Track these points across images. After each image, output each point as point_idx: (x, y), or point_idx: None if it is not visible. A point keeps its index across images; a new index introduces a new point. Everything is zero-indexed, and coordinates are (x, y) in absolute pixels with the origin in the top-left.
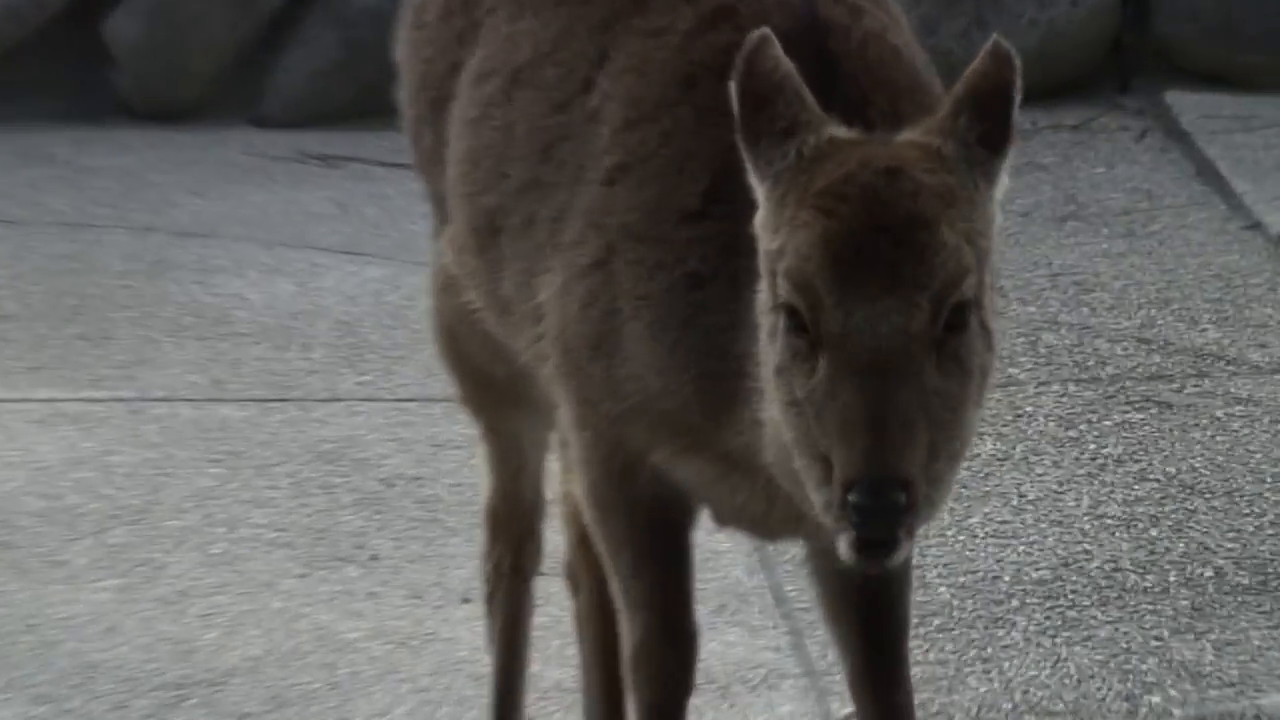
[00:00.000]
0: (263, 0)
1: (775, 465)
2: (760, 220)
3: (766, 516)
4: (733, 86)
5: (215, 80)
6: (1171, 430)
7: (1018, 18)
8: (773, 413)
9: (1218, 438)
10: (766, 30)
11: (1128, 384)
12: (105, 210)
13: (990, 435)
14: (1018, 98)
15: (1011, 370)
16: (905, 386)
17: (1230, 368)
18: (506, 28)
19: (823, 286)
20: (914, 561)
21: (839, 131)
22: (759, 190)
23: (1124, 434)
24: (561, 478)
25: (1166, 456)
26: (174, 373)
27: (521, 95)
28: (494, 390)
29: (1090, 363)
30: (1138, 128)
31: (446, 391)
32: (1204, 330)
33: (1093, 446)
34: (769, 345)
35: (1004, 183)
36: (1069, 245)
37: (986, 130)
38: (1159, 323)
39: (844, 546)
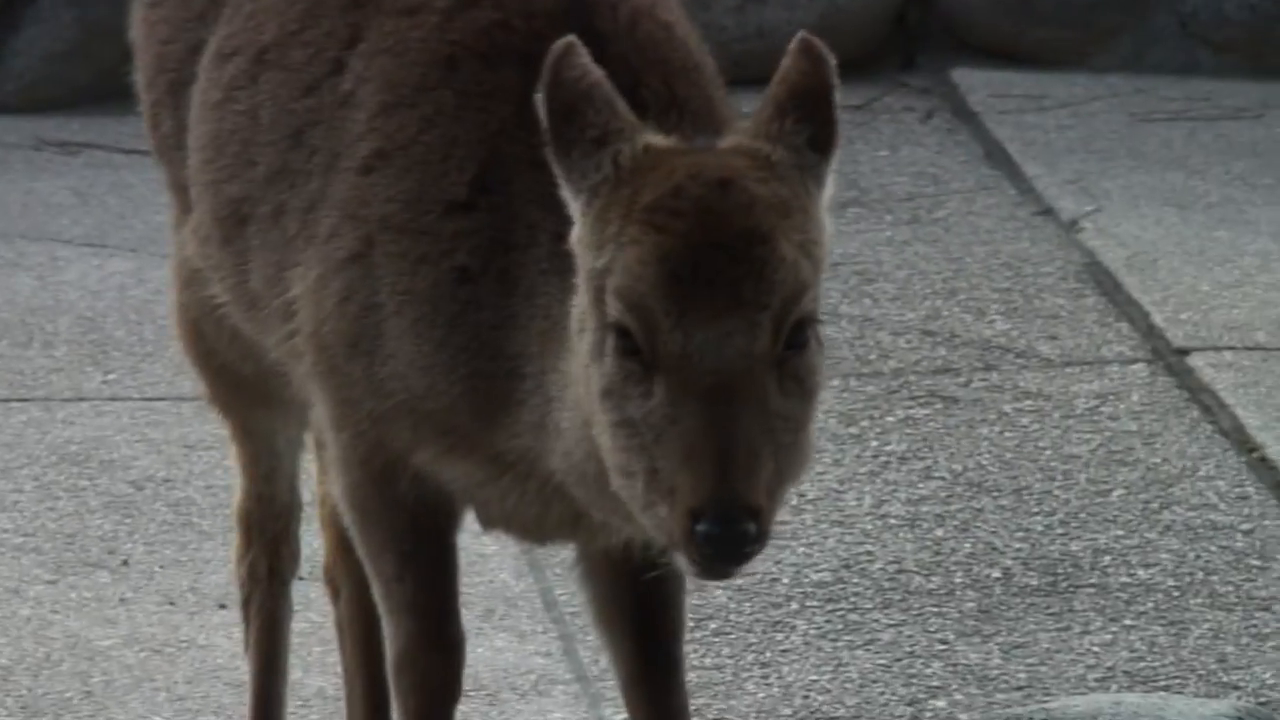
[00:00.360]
0: None
1: (567, 472)
2: (578, 236)
3: (540, 520)
4: (539, 97)
5: None
6: (957, 426)
7: None
8: (583, 425)
9: (1005, 433)
10: (572, 37)
11: (912, 378)
12: None
13: None
14: (839, 96)
15: None
16: (749, 410)
17: (1019, 361)
18: (250, 4)
19: (659, 307)
20: None
21: (655, 139)
22: (573, 205)
23: (908, 430)
24: (319, 478)
25: (952, 454)
26: None
27: (268, 77)
28: (244, 389)
29: (872, 356)
30: (923, 108)
31: (196, 390)
32: (992, 321)
33: (875, 444)
34: (593, 364)
35: (830, 187)
36: (850, 233)
37: (813, 133)
38: (944, 314)
39: (684, 564)
